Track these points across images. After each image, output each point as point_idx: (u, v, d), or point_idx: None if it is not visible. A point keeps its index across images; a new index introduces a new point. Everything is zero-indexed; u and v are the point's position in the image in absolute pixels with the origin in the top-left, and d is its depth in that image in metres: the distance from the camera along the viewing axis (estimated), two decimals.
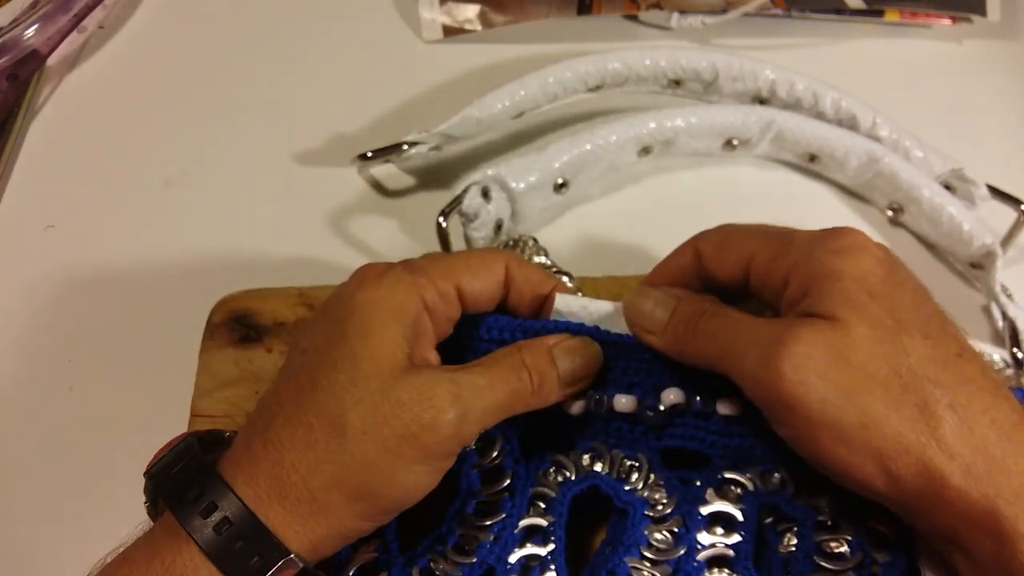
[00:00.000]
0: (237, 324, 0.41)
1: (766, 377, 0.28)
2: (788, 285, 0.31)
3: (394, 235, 0.47)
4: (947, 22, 0.55)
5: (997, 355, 0.40)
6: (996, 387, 0.28)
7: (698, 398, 0.33)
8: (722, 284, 0.34)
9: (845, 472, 0.28)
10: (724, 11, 0.54)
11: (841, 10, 0.55)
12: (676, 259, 0.35)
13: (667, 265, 0.36)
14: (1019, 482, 0.26)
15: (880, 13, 0.55)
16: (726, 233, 0.34)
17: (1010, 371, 0.40)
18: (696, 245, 0.34)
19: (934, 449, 0.26)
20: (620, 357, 0.34)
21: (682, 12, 0.54)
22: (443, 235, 0.41)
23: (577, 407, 0.33)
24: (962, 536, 0.27)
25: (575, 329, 0.34)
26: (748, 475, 0.32)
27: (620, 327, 0.34)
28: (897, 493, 0.27)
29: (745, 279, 0.33)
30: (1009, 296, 0.43)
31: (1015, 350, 0.41)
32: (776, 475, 0.32)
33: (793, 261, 0.31)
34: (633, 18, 0.56)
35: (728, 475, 0.32)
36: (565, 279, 0.40)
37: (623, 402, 0.33)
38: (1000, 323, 0.43)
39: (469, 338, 0.34)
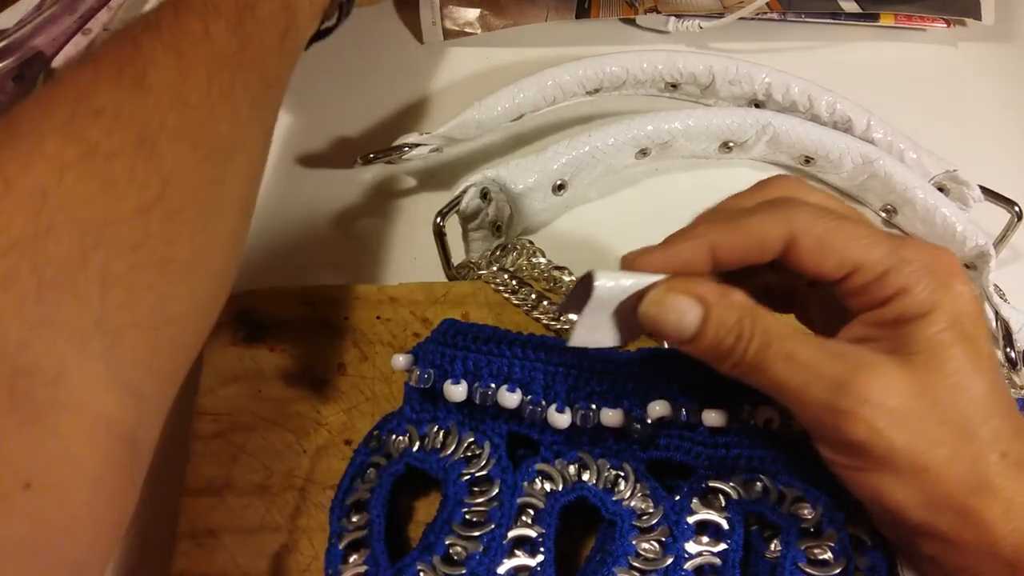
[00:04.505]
0: (241, 323, 0.41)
1: (832, 420, 0.27)
2: (884, 306, 0.28)
3: (395, 235, 0.47)
4: (942, 25, 0.55)
5: None
6: None
7: (684, 411, 0.32)
8: (795, 275, 0.29)
9: (885, 501, 0.28)
10: (721, 15, 0.54)
11: (836, 14, 0.55)
12: (758, 229, 0.29)
13: (742, 236, 0.29)
14: None
15: (875, 17, 0.56)
16: (831, 227, 0.28)
17: (1003, 371, 0.41)
18: (791, 229, 0.29)
19: (980, 494, 0.27)
20: (607, 372, 0.33)
21: (679, 16, 0.55)
22: (439, 234, 0.42)
23: (563, 420, 0.33)
24: (977, 565, 0.27)
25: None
26: (732, 484, 0.32)
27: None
28: (928, 526, 0.28)
29: (833, 281, 0.29)
30: (1002, 296, 0.43)
31: (1008, 350, 0.42)
32: (758, 484, 0.32)
33: (903, 286, 0.28)
34: (631, 22, 0.56)
35: (712, 484, 0.32)
36: (564, 275, 0.40)
37: (610, 415, 0.33)
38: (993, 323, 0.43)
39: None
